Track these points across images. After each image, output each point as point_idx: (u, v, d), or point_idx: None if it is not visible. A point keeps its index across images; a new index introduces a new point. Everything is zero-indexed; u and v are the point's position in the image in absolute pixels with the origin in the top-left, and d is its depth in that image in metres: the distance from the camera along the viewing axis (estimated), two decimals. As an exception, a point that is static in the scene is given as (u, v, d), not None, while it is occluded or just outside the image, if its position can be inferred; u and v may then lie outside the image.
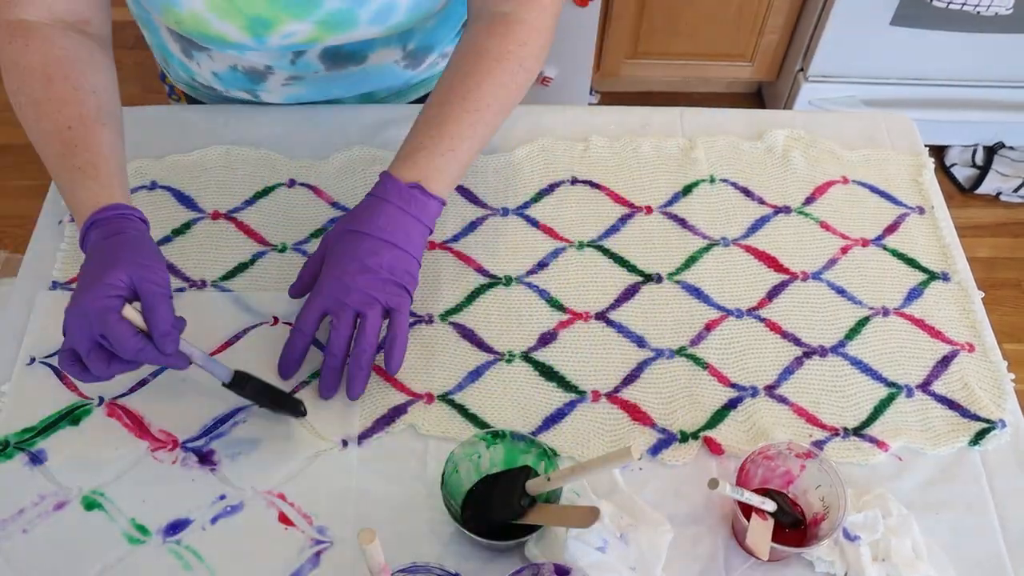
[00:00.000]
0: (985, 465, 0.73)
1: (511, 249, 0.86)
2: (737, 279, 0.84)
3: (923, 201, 0.92)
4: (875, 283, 0.85)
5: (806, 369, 0.78)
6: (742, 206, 0.90)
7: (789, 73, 2.00)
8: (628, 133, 0.95)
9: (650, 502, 0.68)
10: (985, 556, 0.68)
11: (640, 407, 0.76)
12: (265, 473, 0.71)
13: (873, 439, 0.74)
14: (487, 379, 0.77)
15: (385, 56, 0.92)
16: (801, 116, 0.99)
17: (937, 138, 2.04)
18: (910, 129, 0.99)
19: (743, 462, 0.67)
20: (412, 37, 0.92)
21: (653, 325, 0.81)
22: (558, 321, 0.81)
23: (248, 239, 0.86)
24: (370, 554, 0.53)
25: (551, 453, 0.66)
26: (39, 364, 0.77)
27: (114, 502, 0.69)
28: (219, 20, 0.79)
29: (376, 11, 0.81)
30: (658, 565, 0.64)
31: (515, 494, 0.63)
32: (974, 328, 0.82)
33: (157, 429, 0.73)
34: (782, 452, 0.67)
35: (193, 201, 0.89)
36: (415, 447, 0.73)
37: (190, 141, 0.93)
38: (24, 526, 0.68)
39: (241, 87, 0.94)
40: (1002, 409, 0.76)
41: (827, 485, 0.66)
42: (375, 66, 0.93)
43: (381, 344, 0.74)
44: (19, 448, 0.72)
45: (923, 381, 0.78)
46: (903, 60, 1.87)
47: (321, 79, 0.93)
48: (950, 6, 1.72)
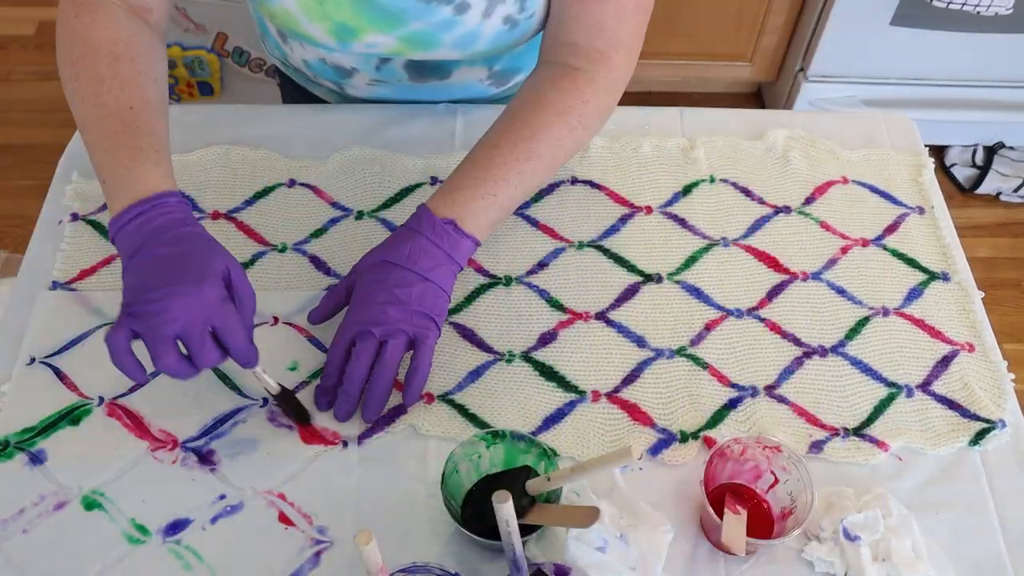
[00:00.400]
0: (985, 465, 0.73)
1: (511, 249, 0.86)
2: (737, 279, 0.84)
3: (923, 201, 0.92)
4: (875, 283, 0.85)
5: (806, 369, 0.78)
6: (742, 206, 0.90)
7: (789, 73, 1.99)
8: (628, 133, 0.95)
9: (650, 502, 0.68)
10: (985, 556, 0.69)
11: (640, 407, 0.76)
12: (265, 473, 0.71)
13: (873, 439, 0.74)
14: (487, 379, 0.77)
15: (469, 75, 0.92)
16: (801, 116, 0.99)
17: (937, 138, 2.04)
18: (910, 129, 0.99)
19: (710, 456, 0.66)
20: (498, 60, 0.92)
21: (653, 325, 0.81)
22: (558, 321, 0.81)
23: (248, 239, 0.86)
24: (367, 555, 0.53)
25: (551, 453, 0.66)
26: (39, 364, 0.77)
27: (114, 502, 0.69)
28: (308, 21, 0.80)
29: (459, 37, 0.81)
30: (658, 565, 0.64)
31: (515, 494, 0.63)
32: (974, 328, 0.82)
33: (157, 429, 0.73)
34: (749, 446, 0.67)
35: (193, 201, 0.89)
36: (415, 447, 0.73)
37: (190, 141, 0.93)
38: (24, 526, 0.68)
39: (328, 78, 0.95)
40: (1002, 409, 0.76)
41: (794, 479, 0.66)
42: (459, 82, 0.93)
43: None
44: (19, 448, 0.72)
45: (923, 381, 0.78)
46: (903, 60, 1.87)
47: (405, 87, 0.93)
48: (950, 6, 1.72)
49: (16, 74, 2.20)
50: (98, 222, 0.87)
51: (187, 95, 1.85)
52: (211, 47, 1.77)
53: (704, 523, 0.68)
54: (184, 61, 1.78)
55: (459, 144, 0.93)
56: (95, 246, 0.85)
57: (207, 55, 1.78)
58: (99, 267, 0.84)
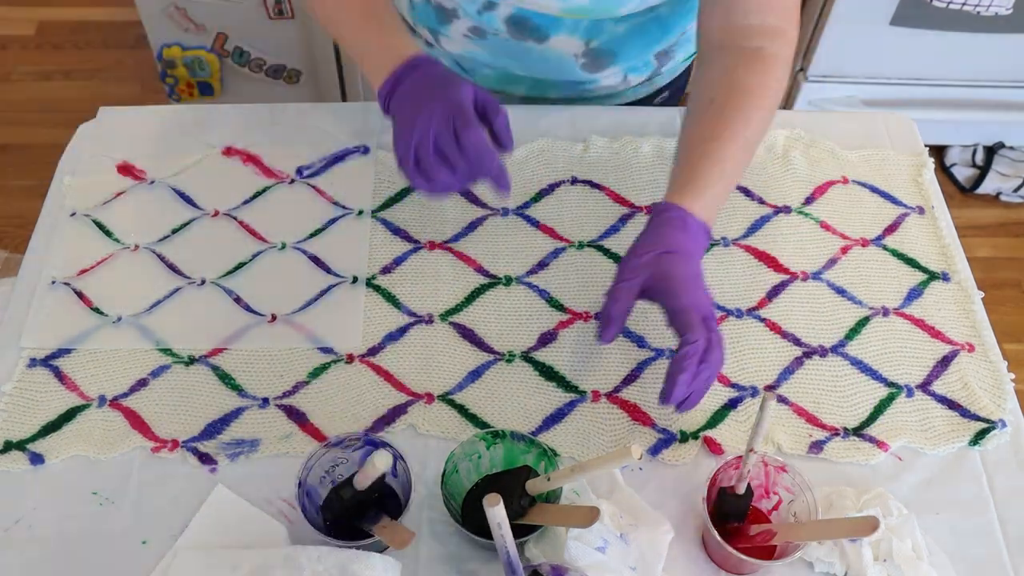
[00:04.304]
0: (985, 465, 0.73)
1: (511, 249, 0.86)
2: (737, 279, 0.84)
3: (923, 201, 0.92)
4: (875, 283, 0.85)
5: (806, 369, 0.78)
6: (742, 206, 0.90)
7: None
8: (628, 133, 0.95)
9: (650, 502, 0.68)
10: (985, 556, 0.69)
11: (640, 407, 0.76)
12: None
13: (873, 439, 0.74)
14: (487, 379, 0.77)
15: (566, 44, 0.90)
16: (801, 116, 0.99)
17: (937, 138, 2.04)
18: (910, 129, 0.99)
19: (714, 473, 0.66)
20: (597, 34, 0.90)
21: (653, 325, 0.81)
22: (558, 321, 0.81)
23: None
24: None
25: (551, 453, 0.66)
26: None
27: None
28: None
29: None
30: (658, 565, 0.64)
31: (515, 494, 0.63)
32: (974, 328, 0.82)
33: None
34: (755, 464, 0.66)
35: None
36: (415, 447, 0.73)
37: (190, 141, 0.93)
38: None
39: (427, 23, 0.94)
40: (1002, 409, 0.76)
41: (799, 501, 0.65)
42: (554, 51, 0.91)
43: None
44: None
45: (923, 381, 0.78)
46: (903, 60, 1.87)
47: (500, 44, 0.92)
48: (950, 6, 1.72)
49: (16, 74, 2.20)
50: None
51: (187, 95, 1.85)
52: (211, 47, 1.77)
53: (706, 541, 0.68)
54: (184, 61, 1.78)
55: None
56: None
57: (207, 55, 1.78)
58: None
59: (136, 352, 0.78)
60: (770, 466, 0.66)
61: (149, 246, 0.85)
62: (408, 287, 0.83)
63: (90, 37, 2.25)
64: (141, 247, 0.85)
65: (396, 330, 0.80)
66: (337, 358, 0.78)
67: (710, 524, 0.63)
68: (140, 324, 0.80)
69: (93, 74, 2.18)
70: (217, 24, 1.73)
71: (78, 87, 2.16)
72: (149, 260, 0.84)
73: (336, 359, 0.78)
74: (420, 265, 0.84)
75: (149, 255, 0.85)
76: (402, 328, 0.80)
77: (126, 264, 0.84)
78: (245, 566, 0.63)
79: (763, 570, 0.67)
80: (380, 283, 0.83)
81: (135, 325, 0.79)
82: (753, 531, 0.66)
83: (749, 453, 0.63)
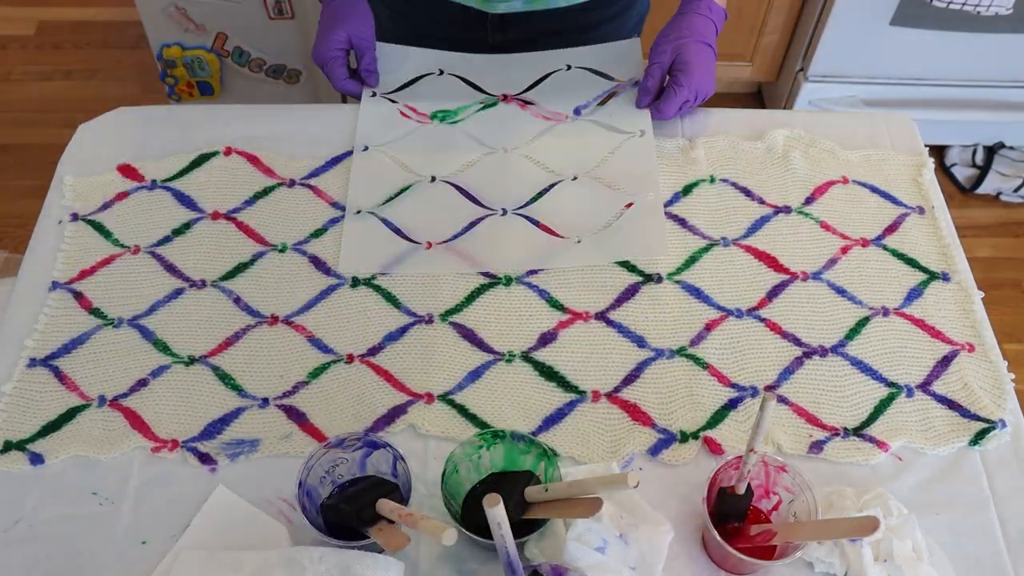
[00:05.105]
0: (985, 465, 0.73)
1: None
2: (737, 279, 0.84)
3: (923, 201, 0.92)
4: (875, 283, 0.85)
5: (806, 369, 0.78)
6: (742, 206, 0.90)
7: (789, 73, 1.99)
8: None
9: (650, 502, 0.68)
10: (985, 556, 0.68)
11: (640, 407, 0.76)
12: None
13: (873, 439, 0.74)
14: (487, 379, 0.77)
15: None
16: (801, 116, 0.99)
17: (937, 138, 2.04)
18: (910, 129, 0.99)
19: (714, 473, 0.66)
20: None
21: (653, 325, 0.81)
22: (558, 321, 0.81)
23: (248, 239, 0.86)
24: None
25: (551, 453, 0.66)
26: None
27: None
28: None
29: None
30: (658, 565, 0.64)
31: (514, 499, 0.63)
32: (974, 328, 0.82)
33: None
34: (756, 464, 0.66)
35: (193, 201, 0.89)
36: (415, 447, 0.73)
37: (190, 141, 0.93)
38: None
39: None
40: (1002, 409, 0.76)
41: (799, 501, 0.65)
42: None
43: None
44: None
45: (923, 381, 0.78)
46: (903, 60, 1.87)
47: None
48: (950, 6, 1.72)
49: (16, 74, 2.20)
50: (98, 222, 0.87)
51: (187, 95, 1.85)
52: (211, 47, 1.77)
53: (706, 541, 0.68)
54: (184, 61, 1.78)
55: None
56: (95, 246, 0.85)
57: (207, 55, 1.78)
58: (99, 267, 0.84)
59: (136, 352, 0.78)
60: (770, 466, 0.66)
61: (149, 248, 0.85)
62: (408, 287, 0.83)
63: (90, 37, 2.25)
64: (142, 250, 0.85)
65: (396, 330, 0.80)
66: (337, 358, 0.78)
67: (710, 524, 0.63)
68: (140, 326, 0.79)
69: (93, 74, 2.18)
70: (217, 24, 1.73)
71: (78, 87, 2.16)
72: (149, 262, 0.84)
73: (336, 359, 0.78)
74: (420, 265, 0.84)
75: (149, 257, 0.85)
76: (402, 328, 0.80)
77: (126, 267, 0.84)
78: (247, 567, 0.63)
79: (763, 570, 0.67)
80: (380, 283, 0.83)
81: (135, 327, 0.79)
82: (753, 531, 0.66)
83: (749, 453, 0.63)
